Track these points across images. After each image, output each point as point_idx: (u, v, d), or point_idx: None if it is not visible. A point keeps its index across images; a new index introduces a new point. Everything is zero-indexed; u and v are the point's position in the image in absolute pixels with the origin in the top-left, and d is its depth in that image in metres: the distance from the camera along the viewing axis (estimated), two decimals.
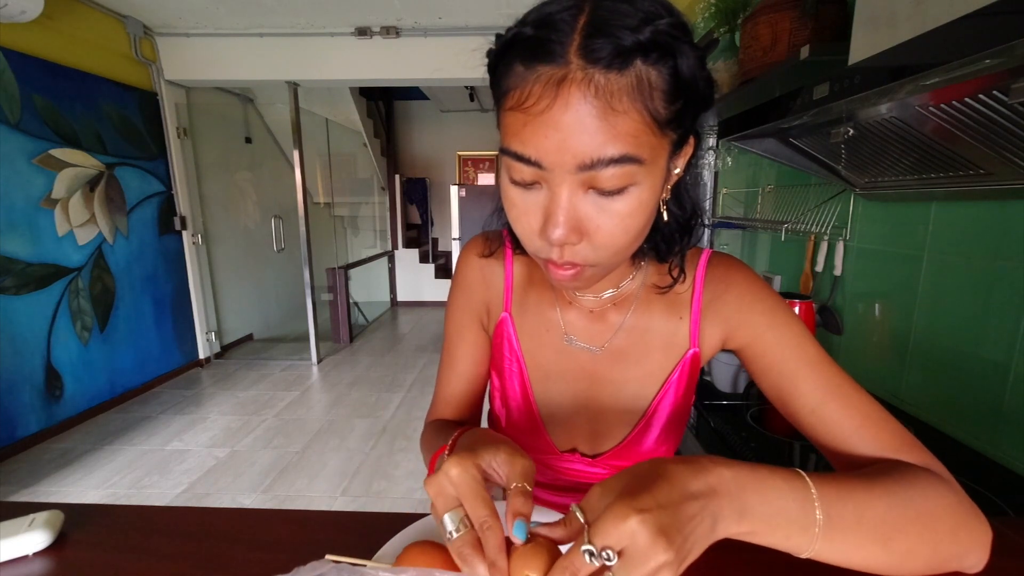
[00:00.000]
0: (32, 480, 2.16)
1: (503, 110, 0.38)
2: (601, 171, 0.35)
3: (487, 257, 0.59)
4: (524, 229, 0.41)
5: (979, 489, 0.79)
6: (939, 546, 0.37)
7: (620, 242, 0.40)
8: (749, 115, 1.17)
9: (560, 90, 0.34)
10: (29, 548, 0.46)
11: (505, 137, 0.38)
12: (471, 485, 0.34)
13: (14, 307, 2.32)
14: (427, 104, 5.81)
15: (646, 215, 0.40)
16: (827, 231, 1.26)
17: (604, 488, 0.32)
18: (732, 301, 0.51)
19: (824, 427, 0.45)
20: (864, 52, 0.63)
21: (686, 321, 0.54)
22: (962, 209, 0.94)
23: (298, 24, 3.09)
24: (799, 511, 0.33)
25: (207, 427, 2.69)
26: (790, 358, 0.47)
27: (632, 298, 0.54)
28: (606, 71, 0.33)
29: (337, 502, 2.03)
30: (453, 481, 0.34)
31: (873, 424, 0.44)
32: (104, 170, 2.82)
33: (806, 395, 0.46)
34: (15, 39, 2.31)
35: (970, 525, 0.38)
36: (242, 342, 4.13)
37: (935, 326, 1.00)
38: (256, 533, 0.49)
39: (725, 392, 1.25)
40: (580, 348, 0.56)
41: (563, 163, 0.36)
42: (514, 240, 0.58)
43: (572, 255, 0.40)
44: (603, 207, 0.38)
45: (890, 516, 0.36)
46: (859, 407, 0.44)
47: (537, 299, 0.58)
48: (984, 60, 0.53)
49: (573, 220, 0.38)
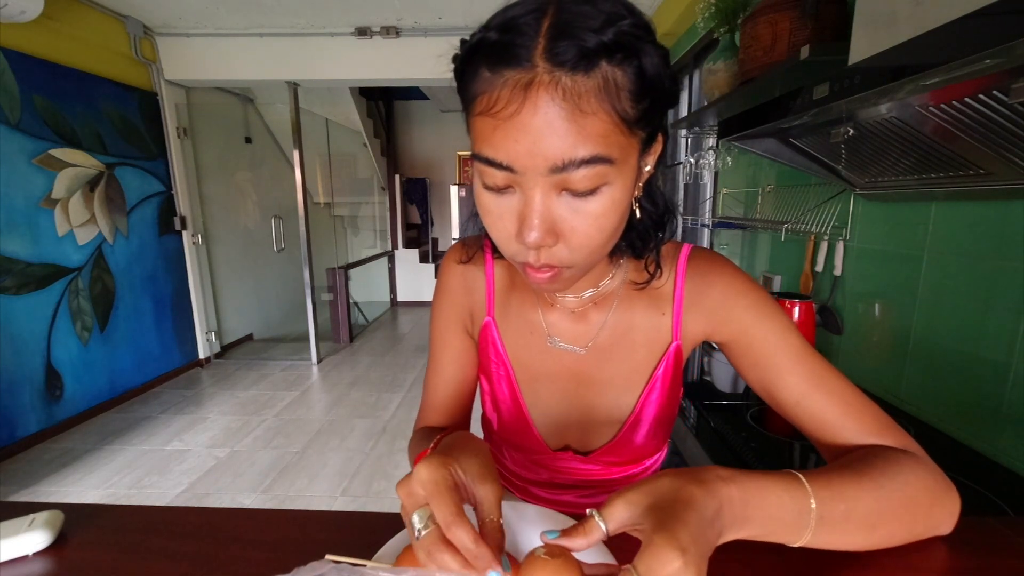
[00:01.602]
0: (32, 480, 2.16)
1: (472, 115, 0.38)
2: (572, 172, 0.36)
3: (467, 263, 0.59)
4: (500, 234, 0.41)
5: (979, 489, 0.79)
6: (915, 526, 0.41)
7: (595, 242, 0.40)
8: (749, 115, 1.17)
9: (528, 94, 0.34)
10: (29, 548, 0.46)
11: (476, 143, 0.38)
12: (439, 486, 0.34)
13: (14, 307, 2.32)
14: (427, 104, 5.81)
15: (619, 214, 0.40)
16: (827, 231, 1.26)
17: (627, 502, 0.32)
18: (716, 296, 0.52)
19: (810, 417, 0.47)
20: (864, 52, 0.63)
21: (668, 316, 0.54)
22: (962, 209, 0.94)
23: (298, 24, 3.09)
24: (795, 516, 0.36)
25: (207, 427, 2.69)
26: (775, 352, 0.48)
27: (613, 296, 0.55)
28: (572, 73, 0.34)
29: (337, 502, 2.03)
30: (422, 482, 0.34)
31: (855, 411, 0.46)
32: (104, 170, 2.82)
33: (791, 387, 0.48)
34: (15, 39, 2.31)
35: (943, 500, 0.42)
36: (242, 342, 4.13)
37: (935, 326, 1.00)
38: (256, 533, 0.49)
39: (725, 392, 1.25)
40: (564, 349, 0.56)
41: (535, 166, 0.36)
42: (494, 245, 0.58)
43: (548, 257, 0.40)
44: (577, 208, 0.38)
45: (876, 507, 0.39)
46: (841, 396, 0.47)
47: (519, 302, 0.58)
48: (984, 60, 0.53)
49: (548, 223, 0.38)
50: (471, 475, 0.36)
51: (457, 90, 0.41)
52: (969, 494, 0.79)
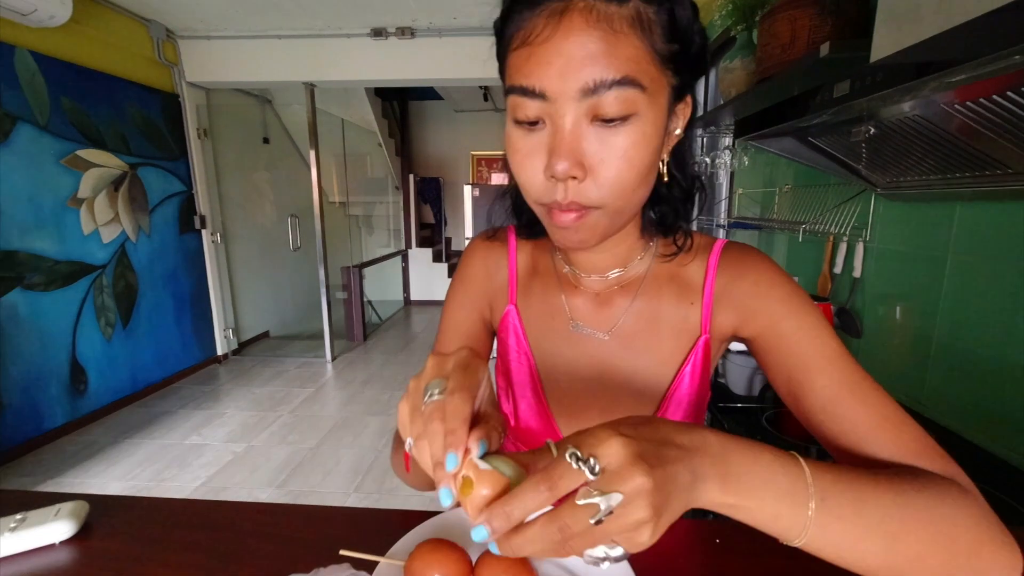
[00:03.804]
0: (57, 471, 2.22)
1: (509, 53, 0.40)
2: (604, 95, 0.36)
3: (490, 245, 0.60)
4: (527, 172, 0.41)
5: (1004, 497, 0.76)
6: (956, 558, 0.33)
7: (624, 178, 0.39)
8: (766, 114, 1.15)
9: (563, 19, 0.36)
10: (56, 537, 0.48)
11: (509, 78, 0.40)
12: (470, 365, 0.34)
13: (42, 303, 2.40)
14: (441, 104, 5.83)
15: (649, 153, 0.40)
16: (846, 232, 1.24)
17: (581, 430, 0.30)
18: (748, 287, 0.49)
19: (837, 425, 0.41)
20: (887, 49, 0.61)
21: (697, 307, 0.52)
22: (988, 209, 0.91)
23: (315, 26, 3.13)
24: (789, 486, 0.30)
25: (224, 422, 2.74)
26: (807, 349, 0.44)
27: (639, 281, 0.53)
28: (607, 1, 0.36)
29: (350, 498, 2.05)
30: (459, 357, 0.34)
31: (892, 426, 0.40)
32: (128, 170, 2.89)
33: (821, 389, 0.42)
34: (44, 43, 2.38)
35: (996, 543, 0.34)
36: (259, 339, 4.20)
37: (959, 329, 0.97)
38: (272, 527, 0.50)
39: (740, 395, 1.23)
40: (587, 334, 0.54)
41: (566, 90, 0.36)
42: (518, 228, 0.58)
43: (576, 194, 0.40)
44: (606, 139, 0.38)
45: (897, 513, 0.32)
46: (878, 407, 0.41)
47: (542, 286, 0.57)
48: (1013, 56, 0.51)
49: (577, 153, 0.38)
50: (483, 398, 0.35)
51: (497, 55, 0.42)
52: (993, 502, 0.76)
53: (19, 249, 2.28)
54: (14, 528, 0.47)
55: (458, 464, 0.29)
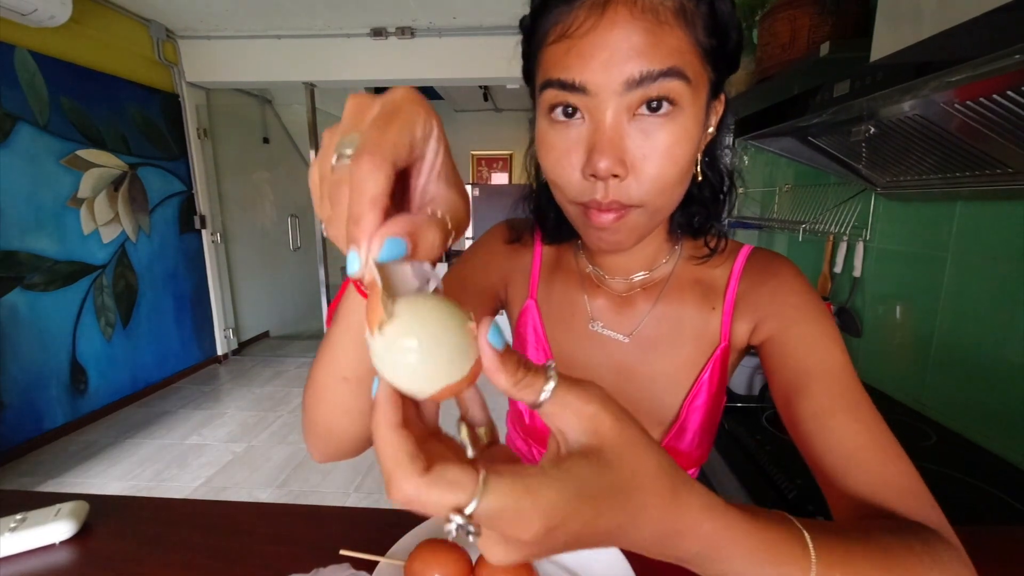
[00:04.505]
0: (57, 471, 2.22)
1: (545, 48, 0.38)
2: (649, 87, 0.35)
3: (518, 231, 0.58)
4: (565, 171, 0.39)
5: (1004, 497, 0.76)
6: None
7: (666, 175, 0.38)
8: (766, 113, 1.15)
9: (606, 10, 0.35)
10: (56, 537, 0.48)
11: (545, 73, 0.38)
12: (399, 113, 0.22)
13: (42, 303, 2.39)
14: (441, 104, 5.83)
15: (690, 149, 0.38)
16: (846, 231, 1.24)
17: (586, 417, 0.23)
18: (766, 292, 0.48)
19: (824, 438, 0.39)
20: (887, 48, 0.61)
21: (718, 312, 0.51)
22: (989, 209, 0.91)
23: (315, 26, 3.13)
24: None
25: (224, 422, 2.74)
26: (810, 357, 0.43)
27: (662, 284, 0.52)
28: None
29: (350, 498, 2.05)
30: (391, 100, 0.23)
31: (882, 453, 0.38)
32: (128, 170, 2.89)
33: (814, 398, 0.41)
34: (44, 43, 2.38)
35: None
36: (259, 339, 4.20)
37: (959, 329, 0.97)
38: (272, 527, 0.50)
39: (740, 394, 1.23)
40: (607, 336, 0.53)
41: (609, 83, 0.35)
42: (543, 228, 0.56)
43: (617, 193, 0.38)
44: (648, 135, 0.37)
45: None
46: (872, 430, 0.39)
47: (563, 283, 0.56)
48: (1013, 56, 0.51)
49: (619, 149, 0.36)
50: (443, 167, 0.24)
51: (523, 54, 0.41)
52: (994, 502, 0.76)
53: (19, 249, 2.28)
54: (14, 528, 0.47)
55: (360, 267, 0.21)
